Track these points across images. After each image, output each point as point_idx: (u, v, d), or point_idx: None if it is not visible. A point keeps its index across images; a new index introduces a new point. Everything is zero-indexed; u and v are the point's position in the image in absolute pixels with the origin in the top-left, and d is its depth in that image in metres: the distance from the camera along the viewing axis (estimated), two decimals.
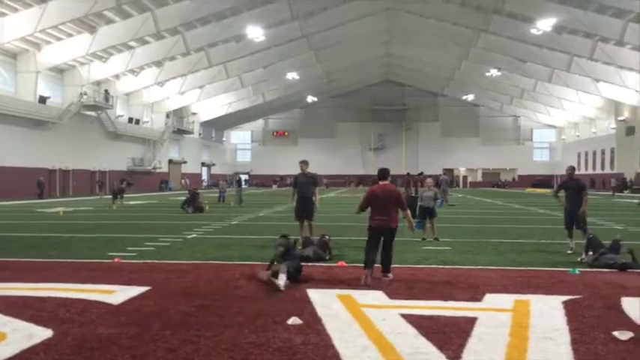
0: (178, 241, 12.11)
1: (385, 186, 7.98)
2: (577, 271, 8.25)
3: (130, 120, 50.58)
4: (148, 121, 53.75)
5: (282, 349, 4.53)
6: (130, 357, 4.34)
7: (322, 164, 69.12)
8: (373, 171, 60.71)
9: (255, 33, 38.91)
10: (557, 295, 6.60)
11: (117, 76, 45.98)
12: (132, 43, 40.06)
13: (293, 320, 5.38)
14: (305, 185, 11.36)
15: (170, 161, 59.47)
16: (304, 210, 11.30)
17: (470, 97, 69.10)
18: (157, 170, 54.83)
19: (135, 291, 6.73)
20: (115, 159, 48.47)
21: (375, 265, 7.75)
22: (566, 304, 6.16)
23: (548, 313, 5.77)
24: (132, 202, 30.80)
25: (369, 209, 7.96)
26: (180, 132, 61.01)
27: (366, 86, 75.81)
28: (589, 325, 5.29)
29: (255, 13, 38.69)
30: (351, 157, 77.43)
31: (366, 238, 7.94)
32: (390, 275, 7.73)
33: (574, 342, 4.75)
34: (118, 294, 6.60)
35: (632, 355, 4.44)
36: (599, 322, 5.42)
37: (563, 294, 6.64)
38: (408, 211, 8.15)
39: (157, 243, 11.68)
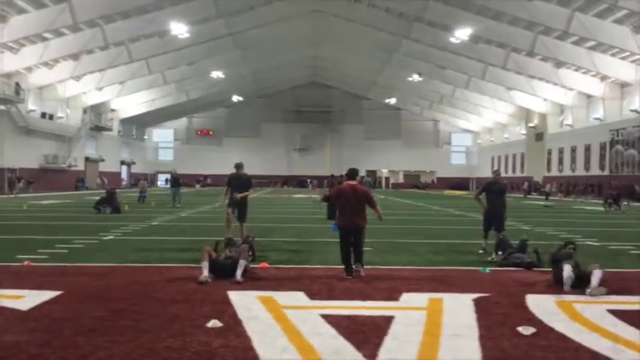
0: (94, 243, 11.64)
1: (354, 186, 8.23)
2: (487, 270, 8.70)
3: (44, 115, 47.89)
4: (62, 117, 51.09)
5: (201, 353, 4.49)
6: None
7: (247, 164, 67.49)
8: (298, 172, 61.82)
9: (179, 29, 38.00)
10: (469, 293, 6.93)
11: (29, 69, 43.42)
12: (46, 35, 38.00)
13: (213, 323, 5.34)
14: (238, 187, 11.43)
15: (87, 159, 56.90)
16: (237, 211, 11.41)
17: (392, 101, 70.89)
18: (73, 168, 52.30)
19: (46, 296, 6.42)
20: (26, 156, 45.68)
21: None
22: (476, 301, 6.48)
23: (460, 310, 6.06)
24: (44, 202, 29.23)
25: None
26: (98, 129, 58.53)
27: (292, 87, 76.03)
28: (496, 322, 5.60)
29: (180, 9, 37.78)
30: (276, 158, 77.30)
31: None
32: (362, 271, 8.04)
33: (482, 338, 5.02)
34: (27, 299, 6.27)
35: (533, 348, 4.75)
36: (505, 318, 5.75)
37: (473, 292, 6.98)
38: (379, 207, 8.46)
39: (70, 245, 11.17)
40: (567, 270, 7.18)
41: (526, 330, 5.24)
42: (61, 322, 5.31)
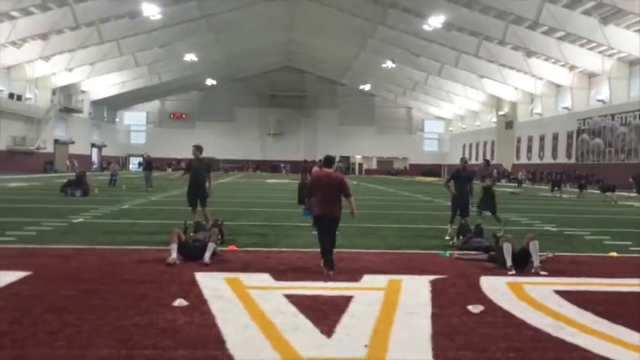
0: (63, 226, 11.68)
1: (329, 173, 7.83)
2: (448, 253, 9.07)
3: (11, 96, 46.89)
4: (31, 98, 50.11)
5: (166, 330, 4.70)
6: (10, 341, 4.32)
7: (220, 148, 68.29)
8: (271, 156, 61.72)
9: (151, 10, 37.49)
10: (427, 275, 7.27)
11: None
12: (14, 14, 37.14)
13: (179, 302, 5.55)
14: (199, 171, 11.11)
15: (56, 141, 55.95)
16: (197, 197, 11.11)
17: (367, 87, 71.18)
18: (42, 150, 51.42)
19: (14, 276, 6.53)
20: None
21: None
22: (433, 283, 6.82)
23: (416, 291, 6.39)
24: (12, 185, 28.79)
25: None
26: (68, 110, 57.51)
27: (266, 72, 75.61)
28: (449, 301, 5.94)
29: None
30: (249, 142, 77.08)
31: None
32: (331, 273, 7.26)
33: (434, 315, 5.34)
34: None
35: (480, 325, 5.09)
36: (458, 298, 6.09)
37: (432, 274, 7.32)
38: (353, 198, 7.94)
39: (39, 227, 11.19)
40: (506, 246, 7.80)
41: (475, 308, 5.59)
42: (31, 301, 5.46)
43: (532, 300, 6.10)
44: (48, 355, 4.08)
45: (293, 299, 5.83)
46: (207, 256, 7.78)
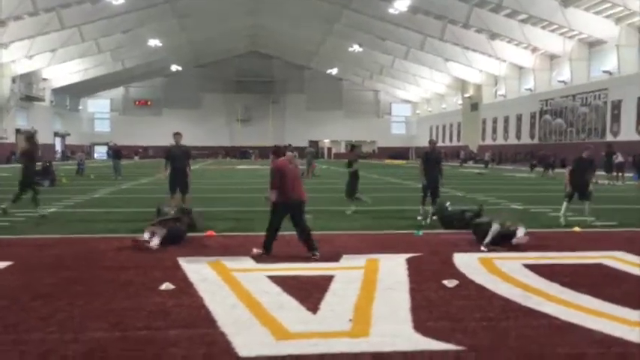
0: (36, 216, 11.55)
1: (290, 162, 8.00)
2: (421, 232, 9.40)
3: None
4: None
5: (156, 312, 4.85)
6: (2, 327, 4.40)
7: (187, 135, 66.19)
8: (239, 142, 61.32)
9: None
10: (403, 253, 7.56)
11: None
12: None
13: (166, 286, 5.69)
14: (179, 158, 11.26)
15: (18, 131, 54.46)
16: (178, 183, 11.20)
17: (334, 71, 71.16)
18: (5, 141, 50.02)
19: None
20: None
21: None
22: (409, 260, 7.11)
23: (394, 268, 6.67)
24: None
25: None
26: (29, 99, 55.94)
27: (233, 57, 74.81)
28: (425, 277, 6.23)
29: None
30: (217, 129, 76.37)
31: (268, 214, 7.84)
32: (317, 253, 7.38)
33: (412, 290, 5.62)
34: None
35: (455, 297, 5.39)
36: (434, 274, 6.39)
37: (407, 252, 7.62)
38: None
39: (11, 218, 11.07)
40: (495, 227, 8.11)
41: (450, 283, 5.90)
42: (17, 290, 5.52)
43: (502, 273, 6.44)
44: (42, 339, 4.18)
45: (276, 280, 6.03)
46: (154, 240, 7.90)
